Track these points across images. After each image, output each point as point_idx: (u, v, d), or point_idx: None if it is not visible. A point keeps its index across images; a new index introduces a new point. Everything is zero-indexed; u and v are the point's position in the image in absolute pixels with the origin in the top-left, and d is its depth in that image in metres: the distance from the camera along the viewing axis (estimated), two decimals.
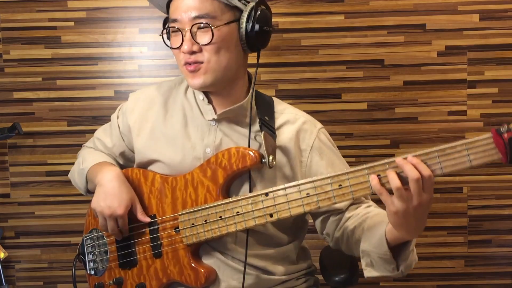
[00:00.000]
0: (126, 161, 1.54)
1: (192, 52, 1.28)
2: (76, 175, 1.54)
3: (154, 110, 1.44)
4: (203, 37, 1.27)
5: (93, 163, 1.47)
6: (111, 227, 1.38)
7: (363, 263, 1.26)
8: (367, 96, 2.13)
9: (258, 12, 1.29)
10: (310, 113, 1.45)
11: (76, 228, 2.21)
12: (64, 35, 2.16)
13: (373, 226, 1.25)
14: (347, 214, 1.35)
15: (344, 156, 1.44)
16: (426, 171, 1.08)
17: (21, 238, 2.24)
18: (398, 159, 1.10)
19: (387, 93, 2.13)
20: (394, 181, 1.09)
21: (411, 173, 1.07)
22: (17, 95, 2.19)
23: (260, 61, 1.37)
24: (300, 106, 1.48)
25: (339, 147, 1.45)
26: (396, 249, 1.21)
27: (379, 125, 2.15)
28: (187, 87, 1.45)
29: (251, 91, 1.38)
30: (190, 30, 1.27)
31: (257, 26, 1.29)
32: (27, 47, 2.16)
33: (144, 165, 1.44)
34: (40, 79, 2.18)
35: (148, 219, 1.37)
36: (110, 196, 1.37)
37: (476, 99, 2.13)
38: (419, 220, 1.13)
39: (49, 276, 2.25)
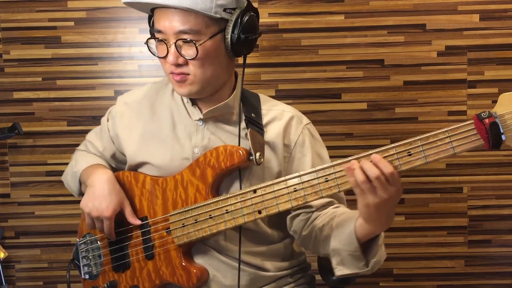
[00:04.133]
0: (117, 163, 1.54)
1: (178, 65, 1.28)
2: (69, 178, 1.55)
3: (142, 113, 1.45)
4: (188, 51, 1.27)
5: (86, 165, 1.48)
6: (99, 228, 1.39)
7: (333, 262, 1.26)
8: (367, 96, 2.13)
9: (244, 21, 1.27)
10: (310, 113, 1.45)
11: (76, 228, 2.19)
12: (64, 35, 2.16)
13: (342, 223, 1.26)
14: (315, 213, 1.36)
15: (344, 156, 1.43)
16: (387, 169, 1.10)
17: (21, 238, 2.24)
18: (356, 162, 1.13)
19: (387, 93, 2.13)
20: (358, 176, 1.11)
21: (370, 172, 1.10)
22: (17, 95, 2.19)
23: (260, 61, 1.38)
24: (300, 106, 1.48)
25: (339, 147, 1.46)
26: (365, 246, 1.23)
27: (379, 125, 2.15)
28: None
29: (236, 89, 1.38)
30: (175, 43, 1.26)
31: (243, 37, 1.27)
32: (27, 47, 2.16)
33: (135, 168, 1.45)
34: (40, 79, 2.18)
35: (138, 222, 1.38)
36: (99, 197, 1.37)
37: (476, 99, 2.13)
38: (390, 211, 1.16)
39: (49, 276, 2.25)
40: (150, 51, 1.34)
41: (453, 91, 2.13)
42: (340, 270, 1.25)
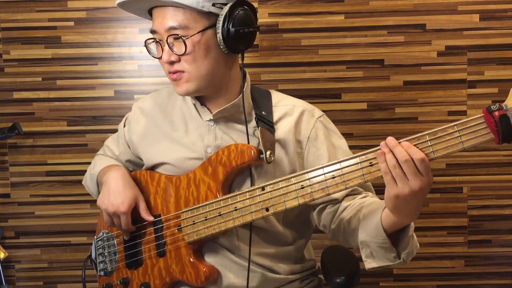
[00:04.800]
0: (134, 167, 1.57)
1: (172, 62, 1.30)
2: (89, 181, 1.58)
3: (156, 117, 1.48)
4: (179, 48, 1.28)
5: (102, 167, 1.51)
6: (117, 224, 1.41)
7: (363, 255, 1.23)
8: (367, 96, 2.14)
9: (235, 15, 1.27)
10: None
11: (76, 228, 2.21)
12: (64, 35, 2.16)
13: (368, 215, 1.23)
14: (343, 205, 1.34)
15: None
16: (417, 154, 1.06)
17: (21, 238, 2.24)
18: (391, 140, 1.08)
19: (387, 93, 2.13)
20: (390, 160, 1.07)
21: (400, 155, 1.06)
22: (17, 95, 2.19)
23: (260, 61, 1.38)
24: None
25: None
26: (395, 237, 1.19)
27: (379, 125, 2.15)
28: None
29: (242, 89, 1.38)
30: (167, 41, 1.28)
31: (233, 30, 1.27)
32: (27, 47, 2.16)
33: (152, 168, 1.48)
34: (40, 79, 2.18)
35: (151, 218, 1.39)
36: (114, 193, 1.39)
37: (476, 99, 2.13)
38: (419, 204, 1.11)
39: (49, 276, 2.25)
40: (150, 53, 1.36)
41: (453, 91, 2.13)
42: (369, 263, 1.22)
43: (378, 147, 1.11)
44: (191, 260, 1.34)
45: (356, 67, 2.13)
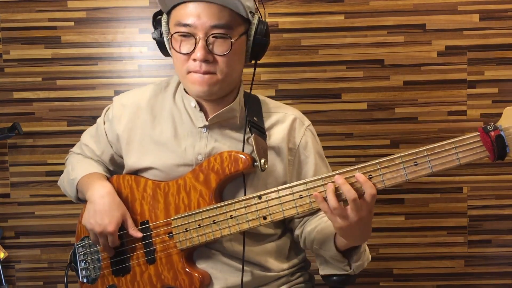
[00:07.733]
0: (115, 167, 1.52)
1: (205, 61, 1.25)
2: (66, 184, 1.52)
3: (141, 117, 1.42)
4: (220, 48, 1.25)
5: (83, 173, 1.45)
6: (103, 244, 1.37)
7: (317, 261, 1.36)
8: (367, 96, 2.13)
9: (263, 25, 1.29)
10: (310, 113, 1.45)
11: (76, 228, 2.20)
12: (64, 35, 2.16)
13: (325, 229, 1.31)
14: (308, 216, 1.41)
15: (344, 156, 1.45)
16: (371, 190, 1.13)
17: (21, 238, 2.24)
18: (339, 178, 1.14)
19: (387, 93, 2.13)
20: (332, 202, 1.14)
21: (349, 194, 1.13)
22: (17, 95, 2.19)
23: (260, 61, 1.37)
24: (300, 106, 1.48)
25: (339, 147, 1.46)
26: (348, 249, 1.29)
27: (379, 125, 2.15)
28: (175, 91, 1.43)
29: (239, 93, 1.38)
30: (206, 39, 1.24)
31: (264, 39, 1.30)
32: (27, 47, 2.16)
33: (135, 173, 1.43)
34: (40, 79, 2.18)
35: (140, 234, 1.36)
36: (100, 213, 1.35)
37: (476, 99, 2.13)
38: (363, 230, 1.19)
39: (49, 276, 2.25)
40: (172, 47, 1.27)
41: (453, 91, 2.13)
42: (323, 270, 1.35)
43: (377, 161, 1.15)
44: (184, 267, 1.33)
45: (356, 67, 2.13)
